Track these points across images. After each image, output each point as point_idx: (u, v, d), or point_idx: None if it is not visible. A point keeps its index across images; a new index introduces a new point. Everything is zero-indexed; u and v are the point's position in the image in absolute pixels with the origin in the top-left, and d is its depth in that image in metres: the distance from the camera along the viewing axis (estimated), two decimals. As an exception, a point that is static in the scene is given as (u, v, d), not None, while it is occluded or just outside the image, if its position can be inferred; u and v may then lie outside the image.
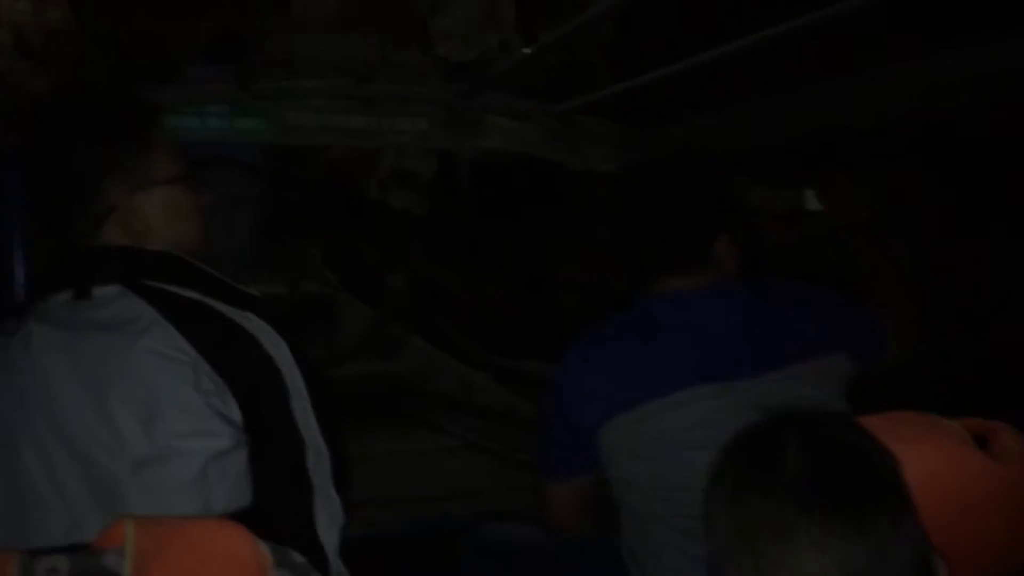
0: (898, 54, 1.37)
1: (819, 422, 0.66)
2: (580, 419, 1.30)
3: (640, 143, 1.95)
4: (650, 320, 1.36)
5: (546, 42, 1.43)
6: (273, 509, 0.87)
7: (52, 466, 0.85)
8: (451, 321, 6.50)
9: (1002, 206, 2.25)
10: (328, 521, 0.90)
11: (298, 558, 0.60)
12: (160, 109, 1.08)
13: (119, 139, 0.98)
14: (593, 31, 1.41)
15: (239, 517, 0.81)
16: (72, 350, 0.88)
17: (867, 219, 1.45)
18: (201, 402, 0.85)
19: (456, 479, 3.79)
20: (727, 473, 0.65)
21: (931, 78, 1.32)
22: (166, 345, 0.86)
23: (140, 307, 0.88)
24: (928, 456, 0.64)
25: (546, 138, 1.96)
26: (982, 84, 1.24)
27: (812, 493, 0.58)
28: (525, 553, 1.61)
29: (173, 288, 0.91)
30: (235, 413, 0.86)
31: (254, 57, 1.79)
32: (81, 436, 0.85)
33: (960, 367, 2.21)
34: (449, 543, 1.68)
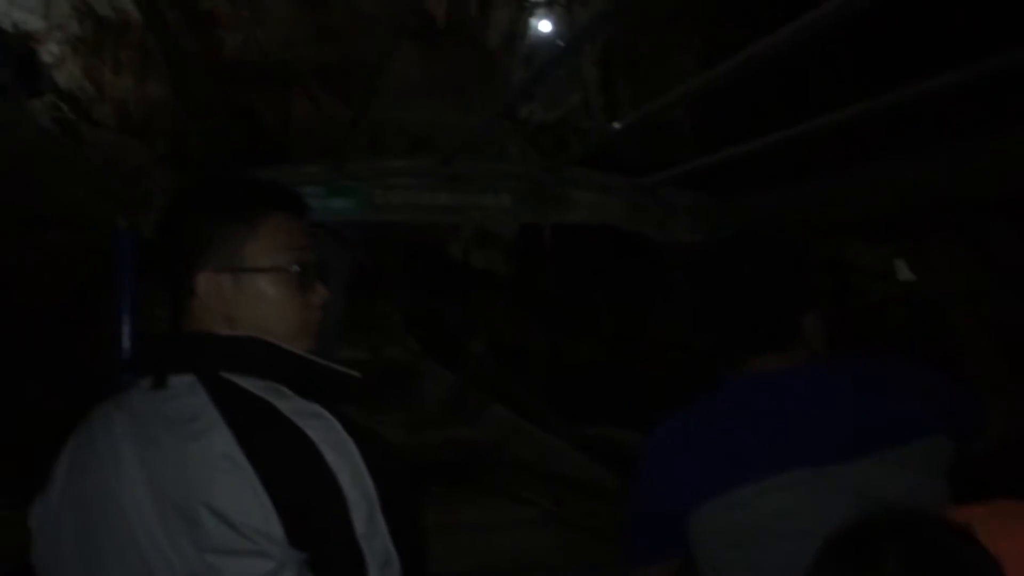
0: (987, 126, 1.36)
1: (919, 529, 0.64)
2: (667, 503, 1.29)
3: (726, 214, 1.97)
4: (738, 401, 1.35)
5: (633, 120, 1.46)
6: None
7: (126, 563, 0.87)
8: (532, 386, 6.50)
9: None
10: None
11: None
12: (288, 196, 1.07)
13: (227, 216, 0.99)
14: (678, 108, 1.44)
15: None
16: (141, 446, 0.89)
17: (964, 289, 1.41)
18: (248, 518, 0.83)
19: (536, 551, 3.74)
20: None
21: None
22: (220, 454, 0.85)
23: (203, 405, 0.89)
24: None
25: (631, 211, 2.00)
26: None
27: None
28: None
29: (246, 382, 0.91)
30: (283, 532, 0.83)
31: (343, 133, 1.93)
32: (144, 540, 0.86)
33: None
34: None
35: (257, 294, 0.98)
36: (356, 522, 0.84)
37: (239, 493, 0.83)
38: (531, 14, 9.58)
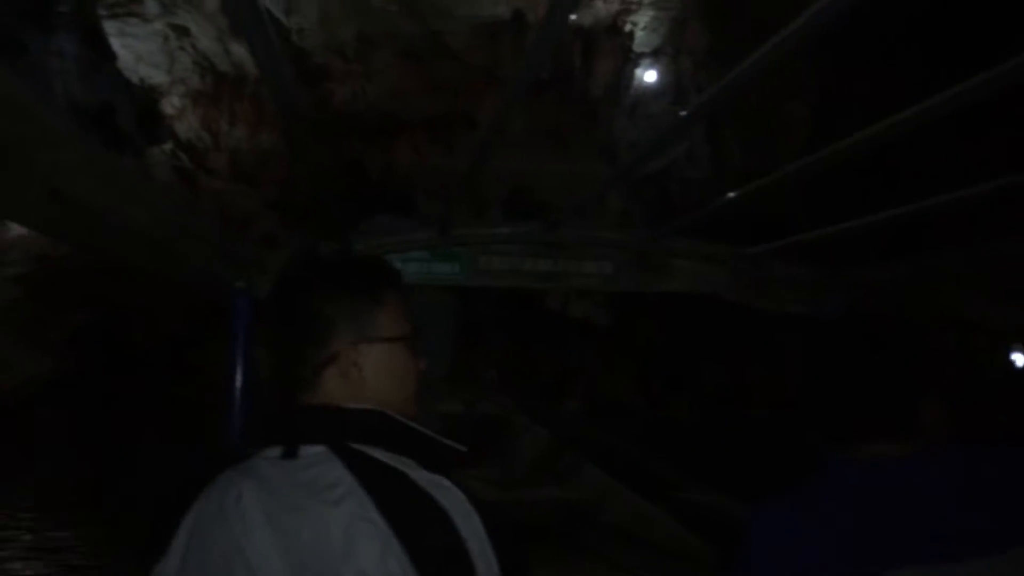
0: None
1: None
2: (771, 593, 1.29)
3: (835, 287, 1.96)
4: (850, 489, 1.32)
5: (743, 194, 1.49)
6: None
7: None
8: (628, 446, 6.42)
9: None
10: None
11: None
12: (398, 273, 1.16)
13: (356, 292, 1.06)
14: (790, 180, 1.46)
15: None
16: (275, 512, 0.94)
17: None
18: None
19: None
20: None
21: None
22: (360, 518, 0.90)
23: (340, 473, 0.94)
24: None
25: (736, 281, 2.02)
26: None
27: None
28: None
29: (376, 452, 0.97)
30: None
31: (448, 196, 2.03)
32: None
33: None
34: None
35: (386, 363, 1.05)
36: None
37: (381, 556, 0.89)
38: (636, 64, 9.71)
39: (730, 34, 9.46)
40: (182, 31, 10.17)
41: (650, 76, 9.84)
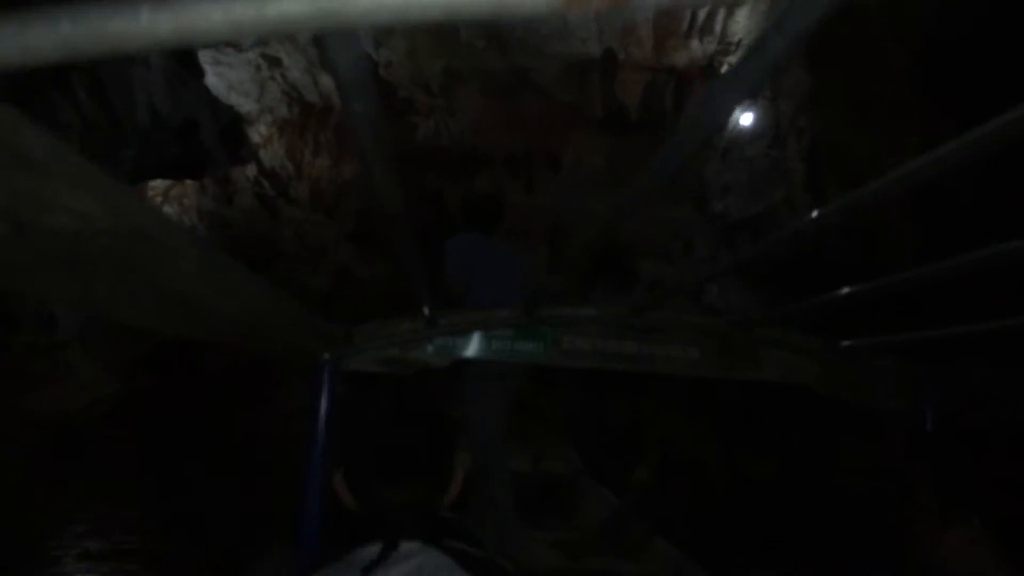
0: None
1: None
2: None
3: (932, 385, 1.96)
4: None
5: (850, 292, 1.52)
6: None
7: None
8: (703, 518, 6.32)
9: None
10: None
11: None
12: None
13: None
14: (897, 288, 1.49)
15: None
16: None
17: None
18: None
19: None
20: None
21: None
22: None
23: (441, 559, 1.10)
24: None
25: (827, 374, 2.04)
26: None
27: None
28: None
29: (467, 547, 1.13)
30: None
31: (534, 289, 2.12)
32: None
33: None
34: None
35: None
36: None
37: None
38: (731, 106, 9.72)
39: (831, 78, 9.38)
40: (274, 61, 10.76)
41: (746, 119, 9.82)
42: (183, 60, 7.85)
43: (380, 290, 10.69)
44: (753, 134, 9.90)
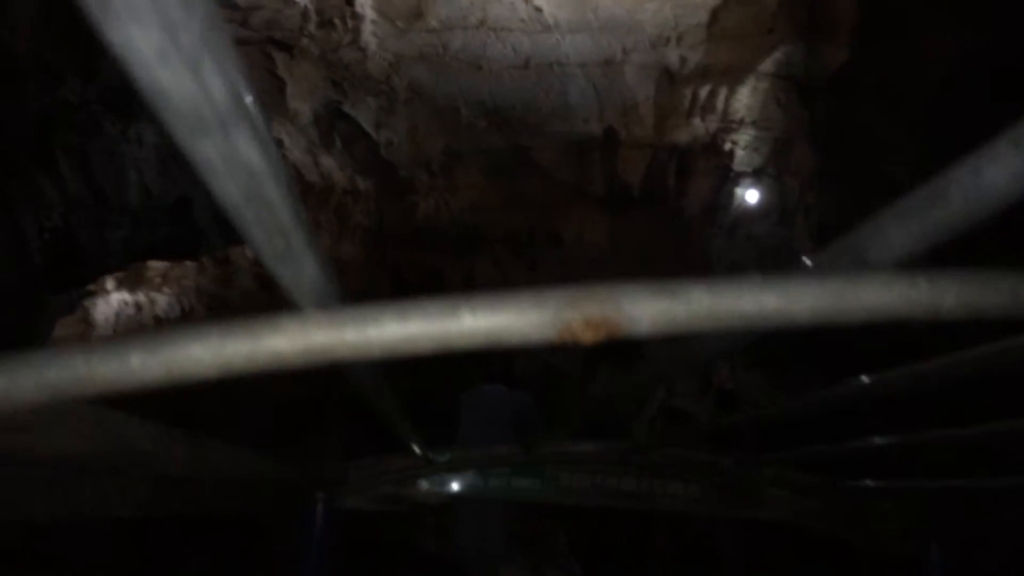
0: None
1: None
2: None
3: (935, 528, 1.97)
4: None
5: (869, 447, 1.54)
6: None
7: None
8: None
9: None
10: None
11: None
12: None
13: None
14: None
15: None
16: None
17: None
18: None
19: None
20: None
21: None
22: None
23: None
24: None
25: (831, 514, 2.05)
26: None
27: None
28: None
29: None
30: None
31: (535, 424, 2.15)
32: None
33: None
34: None
35: None
36: None
37: None
38: (736, 184, 9.88)
39: (835, 155, 9.57)
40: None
41: (752, 196, 9.98)
42: None
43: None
44: (759, 212, 10.04)
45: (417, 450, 1.97)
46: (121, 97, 6.28)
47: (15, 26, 4.73)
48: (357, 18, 9.70)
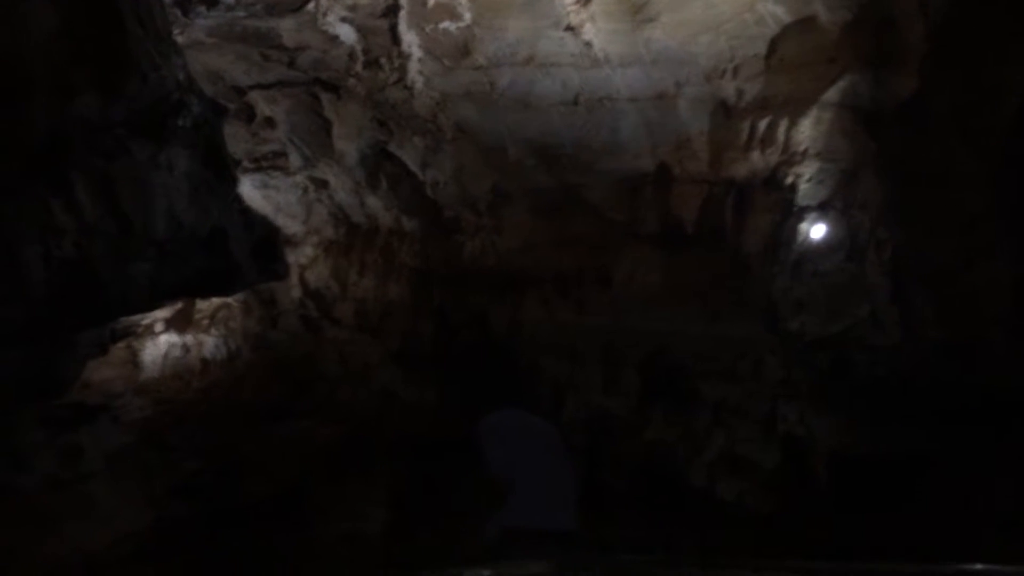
0: None
1: None
2: None
3: None
4: None
5: None
6: None
7: None
8: None
9: None
10: None
11: None
12: None
13: None
14: None
15: None
16: None
17: None
18: None
19: None
20: None
21: None
22: None
23: None
24: None
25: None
26: None
27: None
28: None
29: None
30: None
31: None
32: None
33: None
34: None
35: None
36: None
37: None
38: (800, 219, 9.33)
39: (909, 187, 8.96)
40: (321, 183, 10.92)
41: (817, 231, 9.40)
42: (213, 166, 7.29)
43: (426, 417, 10.35)
44: (826, 247, 9.45)
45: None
46: (151, 120, 5.97)
47: (28, 37, 4.52)
48: (404, 56, 9.54)
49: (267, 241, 9.04)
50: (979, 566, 1.36)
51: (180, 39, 7.66)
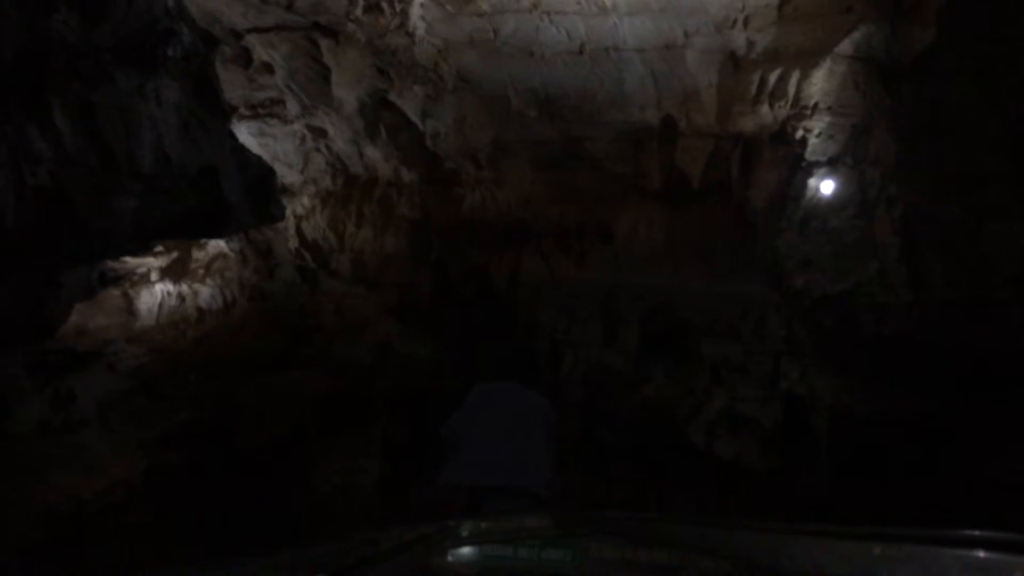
0: None
1: None
2: None
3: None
4: None
5: None
6: None
7: None
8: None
9: None
10: None
11: None
12: None
13: None
14: None
15: None
16: None
17: None
18: None
19: None
20: None
21: None
22: None
23: None
24: None
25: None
26: None
27: None
28: None
29: None
30: None
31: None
32: None
33: None
34: None
35: None
36: None
37: None
38: (809, 174, 9.09)
39: (923, 143, 8.72)
40: (319, 132, 10.64)
41: (827, 187, 9.17)
42: (204, 99, 6.82)
43: (422, 368, 10.23)
44: (836, 204, 9.23)
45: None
46: (138, 47, 5.60)
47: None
48: (405, 1, 9.22)
49: (262, 182, 8.70)
50: (977, 532, 1.22)
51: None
